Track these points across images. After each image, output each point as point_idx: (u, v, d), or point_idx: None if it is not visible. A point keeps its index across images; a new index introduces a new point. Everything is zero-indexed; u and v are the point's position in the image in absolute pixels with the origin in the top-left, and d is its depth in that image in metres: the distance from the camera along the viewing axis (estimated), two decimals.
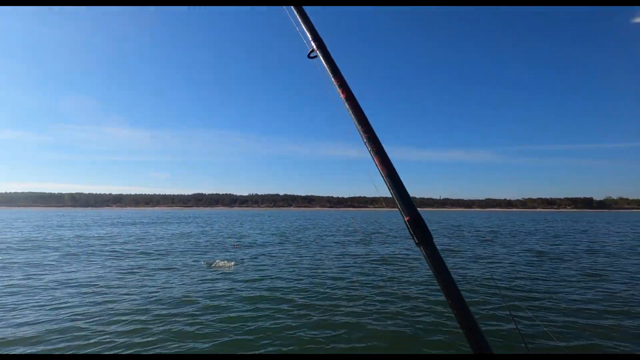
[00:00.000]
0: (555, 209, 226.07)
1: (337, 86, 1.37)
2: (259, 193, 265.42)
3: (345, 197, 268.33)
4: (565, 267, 12.69)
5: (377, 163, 1.23)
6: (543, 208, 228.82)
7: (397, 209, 1.16)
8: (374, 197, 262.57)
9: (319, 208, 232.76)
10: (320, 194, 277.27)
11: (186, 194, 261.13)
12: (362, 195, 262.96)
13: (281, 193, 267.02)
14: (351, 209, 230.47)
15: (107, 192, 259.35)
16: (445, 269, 1.04)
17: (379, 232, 29.73)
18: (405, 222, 1.13)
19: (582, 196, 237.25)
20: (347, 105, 1.32)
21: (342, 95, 1.34)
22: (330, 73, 1.41)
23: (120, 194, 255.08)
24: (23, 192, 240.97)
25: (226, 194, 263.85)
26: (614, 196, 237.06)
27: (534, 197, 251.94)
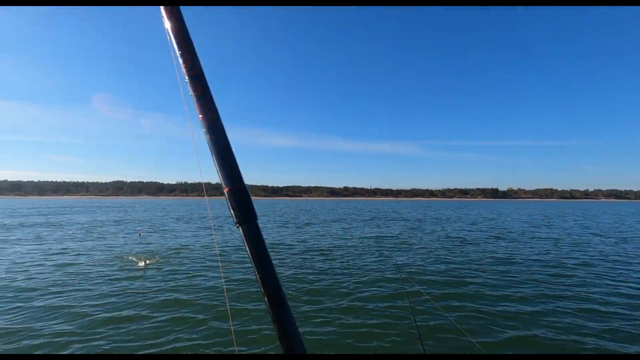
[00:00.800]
0: (468, 198, 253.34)
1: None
2: (188, 182, 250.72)
3: (280, 186, 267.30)
4: (476, 251, 14.13)
5: (197, 110, 0.98)
6: (459, 198, 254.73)
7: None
8: (309, 187, 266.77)
9: (254, 197, 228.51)
10: (256, 183, 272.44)
11: (103, 181, 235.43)
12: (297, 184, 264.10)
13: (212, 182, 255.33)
14: (286, 197, 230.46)
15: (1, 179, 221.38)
16: (266, 253, 0.93)
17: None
18: (225, 195, 0.94)
19: (490, 187, 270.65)
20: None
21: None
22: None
23: (19, 181, 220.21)
24: None
25: (151, 182, 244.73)
26: (515, 187, 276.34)
27: (452, 187, 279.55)
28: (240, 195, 0.93)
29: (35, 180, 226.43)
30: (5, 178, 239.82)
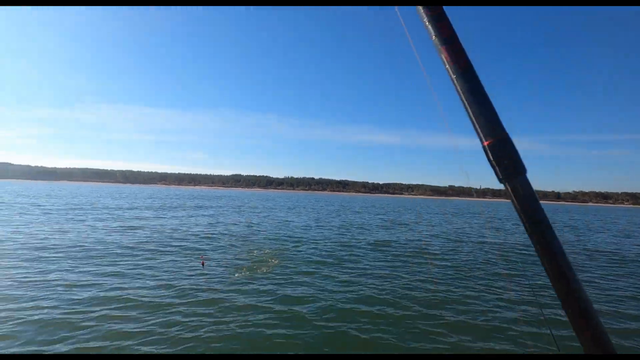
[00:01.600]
0: (610, 203, 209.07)
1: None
2: (295, 176, 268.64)
3: (380, 182, 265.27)
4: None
5: (445, 59, 0.91)
6: (596, 202, 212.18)
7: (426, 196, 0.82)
8: (410, 184, 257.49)
9: (354, 193, 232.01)
10: (355, 179, 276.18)
11: (225, 174, 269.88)
12: (397, 182, 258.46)
13: (316, 177, 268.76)
14: (387, 195, 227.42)
15: (154, 170, 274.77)
16: (539, 209, 0.76)
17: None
18: (484, 148, 0.84)
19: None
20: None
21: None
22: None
23: (165, 173, 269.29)
24: (80, 168, 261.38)
25: (262, 176, 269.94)
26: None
27: (586, 190, 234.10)
28: (504, 148, 0.84)
29: (176, 172, 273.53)
30: (155, 170, 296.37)
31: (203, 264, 9.29)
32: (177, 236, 14.88)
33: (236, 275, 8.70)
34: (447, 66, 0.91)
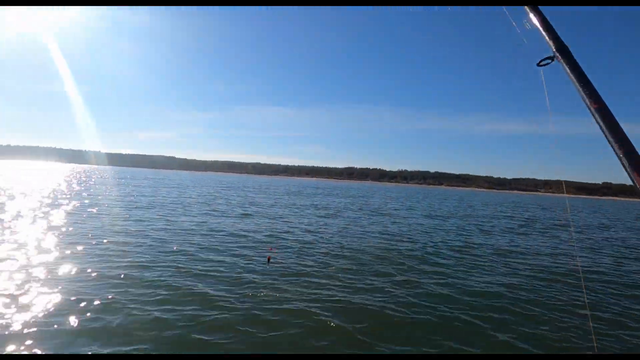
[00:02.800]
0: None
1: (585, 96, 1.21)
2: (408, 169, 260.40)
3: (508, 177, 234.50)
4: None
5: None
6: None
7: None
8: (547, 180, 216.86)
9: (475, 188, 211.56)
10: (478, 173, 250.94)
11: (338, 167, 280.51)
12: (531, 177, 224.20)
13: (431, 170, 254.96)
14: (516, 191, 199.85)
15: (277, 163, 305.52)
16: None
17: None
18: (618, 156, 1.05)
19: None
20: (599, 118, 1.15)
21: (592, 107, 1.18)
22: (577, 82, 1.25)
23: (287, 165, 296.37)
24: (218, 161, 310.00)
25: (375, 169, 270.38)
26: None
27: None
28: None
29: (296, 165, 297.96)
30: (279, 162, 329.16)
31: (269, 259, 8.01)
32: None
33: None
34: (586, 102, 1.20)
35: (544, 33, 1.42)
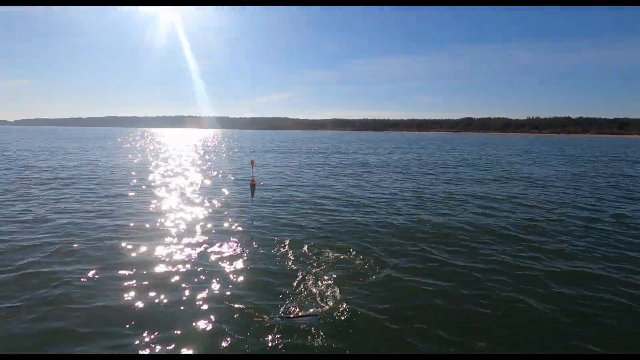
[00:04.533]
0: None
1: None
2: (541, 117, 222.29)
3: None
4: None
5: None
6: None
7: None
8: None
9: (636, 135, 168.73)
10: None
11: (454, 118, 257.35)
12: None
13: (573, 116, 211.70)
14: None
15: (386, 118, 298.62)
16: None
17: None
18: None
19: None
20: None
21: None
22: None
23: (395, 119, 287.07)
24: (329, 119, 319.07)
25: (498, 118, 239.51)
26: None
27: None
28: None
29: (406, 119, 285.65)
30: (388, 117, 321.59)
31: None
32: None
33: None
34: None
35: None
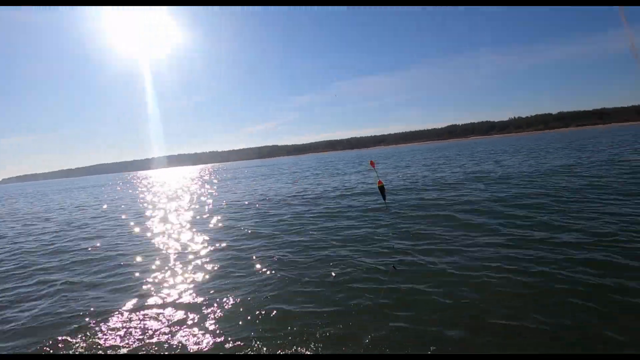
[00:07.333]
0: None
1: None
2: (522, 116, 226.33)
3: None
4: None
5: None
6: None
7: None
8: None
9: (617, 124, 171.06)
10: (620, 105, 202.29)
11: (438, 127, 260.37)
12: None
13: (554, 112, 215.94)
14: None
15: (372, 135, 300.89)
16: None
17: None
18: None
19: None
20: None
21: None
22: None
23: (382, 134, 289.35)
24: (319, 142, 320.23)
25: (482, 122, 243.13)
26: None
27: None
28: None
29: (393, 132, 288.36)
30: (374, 134, 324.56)
31: None
32: None
33: None
34: None
35: None
